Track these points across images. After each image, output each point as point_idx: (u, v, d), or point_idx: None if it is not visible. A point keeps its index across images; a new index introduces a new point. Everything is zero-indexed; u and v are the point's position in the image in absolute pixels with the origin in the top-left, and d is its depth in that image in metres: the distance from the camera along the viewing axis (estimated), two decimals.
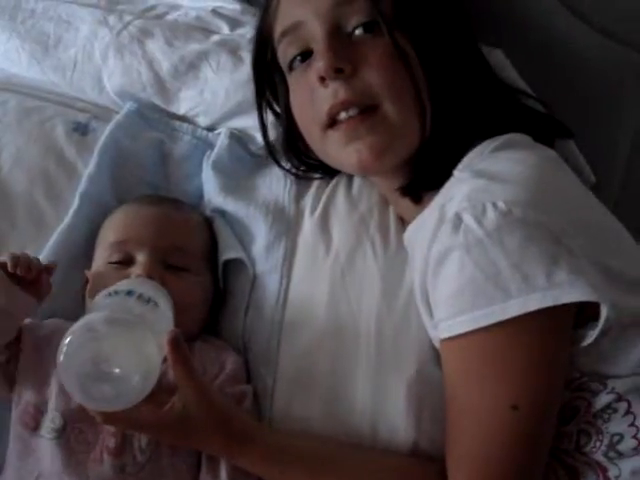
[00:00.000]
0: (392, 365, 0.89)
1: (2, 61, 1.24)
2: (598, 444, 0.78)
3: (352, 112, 0.88)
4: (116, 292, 0.83)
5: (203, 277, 0.99)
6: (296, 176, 1.06)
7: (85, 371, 0.75)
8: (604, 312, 0.73)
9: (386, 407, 0.88)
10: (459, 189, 0.81)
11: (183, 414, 0.81)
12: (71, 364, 0.75)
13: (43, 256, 1.02)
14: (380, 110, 0.88)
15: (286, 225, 1.01)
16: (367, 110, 0.88)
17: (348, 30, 0.89)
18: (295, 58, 0.94)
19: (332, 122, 0.90)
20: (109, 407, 0.78)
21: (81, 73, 1.19)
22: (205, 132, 1.16)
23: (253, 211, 1.03)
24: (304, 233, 1.00)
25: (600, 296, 0.72)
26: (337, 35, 0.89)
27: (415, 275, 0.86)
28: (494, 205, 0.75)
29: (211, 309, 1.00)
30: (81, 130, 1.15)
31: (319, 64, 0.88)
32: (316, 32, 0.89)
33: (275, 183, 1.06)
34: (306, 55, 0.92)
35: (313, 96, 0.91)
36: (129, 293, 0.83)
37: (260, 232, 1.01)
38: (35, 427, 0.88)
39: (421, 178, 0.91)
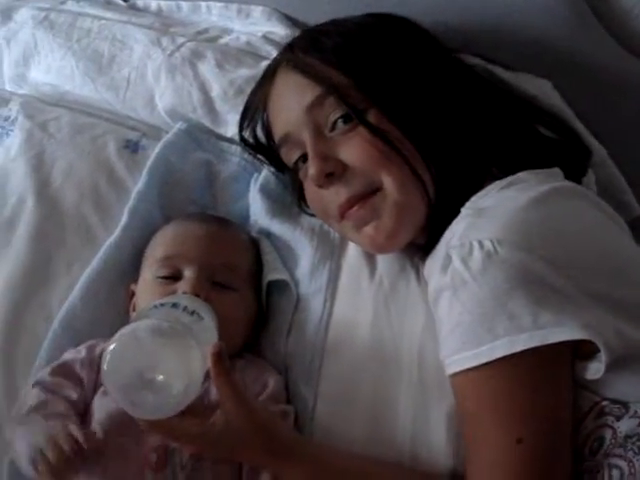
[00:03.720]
0: (434, 393, 0.89)
1: (56, 78, 1.27)
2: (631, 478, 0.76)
3: (356, 206, 0.92)
4: (161, 304, 0.84)
5: (247, 296, 1.00)
6: None
7: (129, 378, 0.76)
8: (601, 347, 0.73)
9: (427, 433, 0.88)
10: (459, 226, 0.82)
11: (226, 428, 0.82)
12: (115, 370, 0.76)
13: (90, 271, 1.04)
14: (382, 191, 0.91)
15: (331, 248, 1.02)
16: (368, 195, 0.91)
17: (329, 128, 0.92)
18: (297, 161, 0.98)
19: (343, 214, 0.94)
20: (151, 415, 0.78)
21: (134, 92, 1.22)
22: None
23: (299, 234, 1.04)
24: (348, 257, 1.01)
25: (592, 333, 0.72)
26: (321, 138, 0.93)
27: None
28: (480, 244, 0.75)
29: (253, 328, 1.01)
30: (132, 148, 1.17)
31: (311, 172, 0.92)
32: (304, 139, 0.94)
33: None
34: (306, 157, 0.96)
35: (320, 194, 0.95)
36: (174, 305, 0.84)
37: (305, 255, 1.03)
38: None
39: (437, 236, 0.92)
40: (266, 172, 1.13)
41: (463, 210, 0.86)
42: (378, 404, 0.91)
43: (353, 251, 1.01)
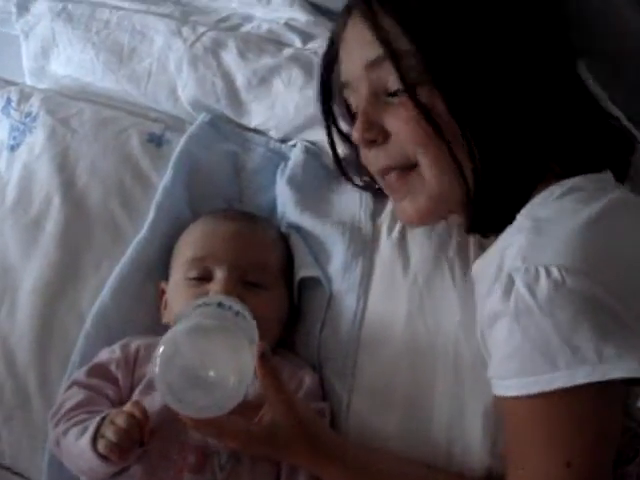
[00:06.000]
0: (470, 390, 0.89)
1: (77, 70, 1.25)
2: None
3: (394, 175, 0.91)
4: (206, 304, 0.83)
5: (279, 294, 1.00)
6: (371, 192, 1.05)
7: (182, 376, 0.75)
8: None
9: (462, 430, 0.88)
10: (518, 238, 0.80)
11: (272, 426, 0.83)
12: (168, 369, 0.75)
13: (120, 269, 1.04)
14: (418, 169, 0.88)
15: (363, 244, 1.01)
16: (407, 169, 0.89)
17: (386, 93, 0.89)
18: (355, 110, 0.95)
19: (383, 177, 0.94)
20: (206, 413, 0.77)
21: (155, 84, 1.20)
22: (278, 144, 1.17)
23: (330, 229, 1.03)
24: (381, 253, 1.00)
25: None
26: (374, 100, 0.89)
27: (477, 313, 0.86)
28: (547, 271, 0.73)
29: (286, 325, 1.01)
30: (156, 141, 1.16)
31: (353, 135, 0.92)
32: (359, 94, 0.91)
33: (351, 199, 1.06)
34: None
35: (364, 150, 0.94)
36: (220, 305, 0.83)
37: (337, 250, 1.01)
38: None
39: (478, 222, 0.90)
40: (293, 162, 1.12)
41: (519, 217, 0.83)
42: (413, 401, 0.91)
43: (386, 245, 1.00)
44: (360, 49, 0.90)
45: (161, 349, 0.75)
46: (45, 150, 1.15)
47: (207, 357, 0.76)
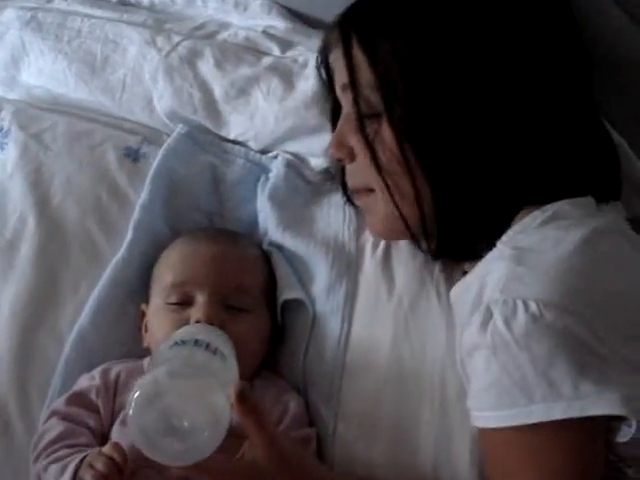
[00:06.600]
0: (457, 416, 0.88)
1: (49, 81, 1.21)
2: None
3: (358, 193, 0.96)
4: (183, 342, 0.82)
5: (262, 316, 0.98)
6: (354, 206, 1.03)
7: (154, 426, 0.74)
8: (634, 422, 0.71)
9: (449, 456, 0.87)
10: (499, 266, 0.78)
11: (253, 464, 0.81)
12: (139, 420, 0.74)
13: (98, 291, 1.02)
14: (375, 194, 0.91)
15: (347, 264, 0.99)
16: (367, 190, 0.93)
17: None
18: None
19: None
20: (180, 462, 0.77)
21: (130, 95, 1.17)
22: (258, 155, 1.14)
23: (313, 249, 1.01)
24: (365, 274, 0.98)
25: (630, 409, 0.69)
26: (349, 120, 0.91)
27: (456, 340, 0.85)
28: (525, 305, 0.72)
29: (270, 346, 0.99)
30: (132, 156, 1.13)
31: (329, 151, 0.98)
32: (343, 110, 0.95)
33: (333, 215, 1.05)
34: None
35: None
36: (196, 343, 0.81)
37: (320, 271, 1.00)
38: None
39: (443, 248, 0.91)
40: (274, 177, 1.09)
41: (500, 245, 0.82)
42: (400, 426, 0.90)
43: (370, 265, 0.98)
44: (337, 70, 0.93)
45: (134, 395, 0.73)
46: (18, 168, 1.12)
47: (177, 406, 0.74)
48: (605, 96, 0.94)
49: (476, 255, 0.87)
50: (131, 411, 0.73)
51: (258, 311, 0.97)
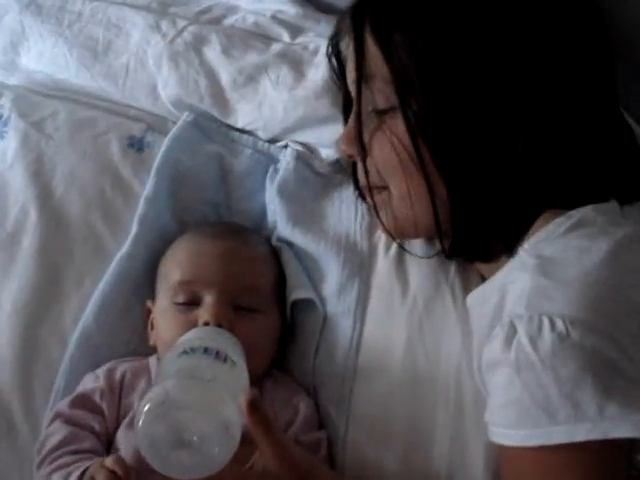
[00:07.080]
0: (472, 421, 0.86)
1: (49, 66, 1.17)
2: None
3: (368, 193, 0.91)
4: (192, 349, 0.79)
5: (272, 316, 0.95)
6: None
7: (164, 440, 0.72)
8: None
9: (464, 462, 0.85)
10: (521, 276, 0.76)
11: (264, 474, 0.79)
12: (149, 434, 0.72)
13: (103, 287, 0.99)
14: (389, 191, 0.89)
15: (359, 264, 0.96)
16: (380, 187, 0.90)
17: (371, 109, 0.87)
18: None
19: None
20: (190, 476, 0.74)
21: (134, 81, 1.13)
22: (267, 145, 1.10)
23: (324, 247, 0.98)
24: (378, 274, 0.95)
25: None
26: (361, 114, 0.87)
27: (474, 347, 0.83)
28: (551, 322, 0.69)
29: (280, 345, 0.97)
30: (136, 146, 1.09)
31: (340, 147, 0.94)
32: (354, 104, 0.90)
33: (345, 211, 1.02)
34: None
35: None
36: (206, 351, 0.79)
37: (332, 271, 0.97)
38: None
39: (456, 249, 0.88)
40: (284, 169, 1.06)
41: (522, 252, 0.79)
42: (413, 431, 0.88)
43: (383, 265, 0.96)
44: (349, 63, 0.89)
45: (143, 409, 0.71)
46: (18, 158, 1.08)
47: (187, 420, 0.71)
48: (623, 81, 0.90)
49: (492, 257, 0.85)
50: (140, 425, 0.71)
51: (268, 310, 0.95)
